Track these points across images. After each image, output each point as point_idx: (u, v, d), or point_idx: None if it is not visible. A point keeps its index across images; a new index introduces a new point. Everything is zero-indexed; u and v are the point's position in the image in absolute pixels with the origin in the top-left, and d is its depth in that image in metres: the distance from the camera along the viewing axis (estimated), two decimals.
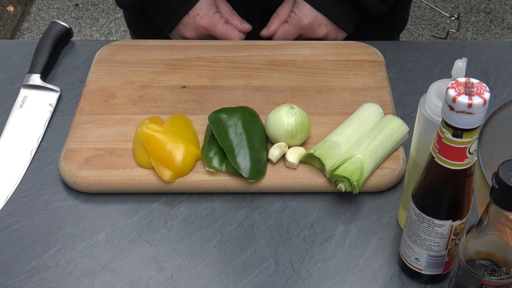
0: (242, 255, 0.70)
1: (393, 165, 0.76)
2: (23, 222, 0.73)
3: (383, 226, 0.72)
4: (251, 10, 0.99)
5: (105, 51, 0.93)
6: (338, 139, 0.76)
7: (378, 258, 0.69)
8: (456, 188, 0.57)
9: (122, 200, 0.75)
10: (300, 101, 0.84)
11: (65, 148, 0.79)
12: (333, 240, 0.71)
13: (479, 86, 0.52)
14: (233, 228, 0.72)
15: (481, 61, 0.94)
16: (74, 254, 0.70)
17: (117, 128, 0.81)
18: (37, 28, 2.39)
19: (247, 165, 0.74)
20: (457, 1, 2.49)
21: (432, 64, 0.93)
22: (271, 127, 0.78)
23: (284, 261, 0.69)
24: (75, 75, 0.92)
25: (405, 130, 0.77)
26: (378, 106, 0.80)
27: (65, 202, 0.75)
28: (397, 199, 0.75)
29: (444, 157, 0.55)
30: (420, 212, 0.60)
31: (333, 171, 0.73)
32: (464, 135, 0.53)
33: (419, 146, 0.64)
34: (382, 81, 0.87)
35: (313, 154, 0.75)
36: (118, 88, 0.87)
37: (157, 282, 0.67)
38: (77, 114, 0.83)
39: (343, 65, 0.90)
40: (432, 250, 0.62)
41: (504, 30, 2.36)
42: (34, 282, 0.67)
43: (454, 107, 0.51)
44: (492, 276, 0.55)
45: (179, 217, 0.73)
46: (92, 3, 2.49)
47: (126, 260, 0.69)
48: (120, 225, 0.73)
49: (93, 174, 0.75)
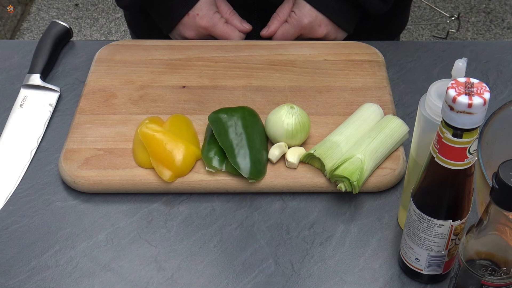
0: (242, 255, 0.70)
1: (393, 165, 0.76)
2: (23, 222, 0.73)
3: (383, 226, 0.72)
4: (251, 10, 0.99)
5: (105, 51, 0.93)
6: (338, 139, 0.76)
7: (378, 258, 0.69)
8: (456, 188, 0.57)
9: (122, 200, 0.75)
10: (300, 101, 0.84)
11: (65, 148, 0.79)
12: (333, 240, 0.71)
13: (479, 86, 0.52)
14: (233, 228, 0.72)
15: (481, 61, 0.94)
16: (74, 254, 0.70)
17: (117, 128, 0.81)
18: (37, 28, 2.39)
19: (247, 165, 0.74)
20: (457, 1, 2.49)
21: (432, 64, 0.93)
22: (271, 127, 0.78)
23: (284, 261, 0.69)
24: (75, 75, 0.92)
25: (405, 130, 0.77)
26: (378, 106, 0.80)
27: (65, 202, 0.75)
28: (397, 199, 0.75)
29: (444, 157, 0.55)
30: (420, 212, 0.60)
31: (333, 171, 0.73)
32: (464, 135, 0.53)
33: (419, 146, 0.64)
34: (382, 81, 0.87)
35: (313, 154, 0.75)
36: (118, 88, 0.87)
37: (157, 282, 0.67)
38: (77, 114, 0.83)
39: (343, 65, 0.90)
40: (432, 250, 0.62)
41: (504, 30, 2.36)
42: (34, 282, 0.67)
43: (454, 107, 0.51)
44: (492, 276, 0.55)
45: (179, 217, 0.73)
46: (92, 3, 2.49)
47: (126, 260, 0.69)
48: (120, 225, 0.73)
49: (93, 174, 0.75)
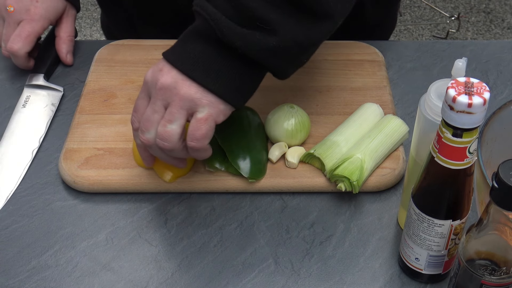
0: (242, 255, 0.70)
1: (393, 165, 0.76)
2: (23, 222, 0.73)
3: (383, 225, 0.72)
4: None
5: (105, 51, 0.93)
6: (338, 139, 0.76)
7: (378, 257, 0.69)
8: (456, 188, 0.57)
9: (122, 200, 0.75)
10: (300, 101, 0.84)
11: (65, 147, 0.79)
12: (333, 240, 0.71)
13: (479, 86, 0.52)
14: (233, 227, 0.72)
15: (481, 61, 0.94)
16: (74, 254, 0.70)
17: (117, 128, 0.81)
18: None
19: (247, 165, 0.74)
20: (457, 1, 2.49)
21: (432, 64, 0.93)
22: (271, 127, 0.78)
23: (284, 261, 0.69)
24: (75, 75, 0.92)
25: (405, 130, 0.77)
26: (378, 106, 0.80)
27: (65, 201, 0.75)
28: (397, 199, 0.75)
29: (444, 156, 0.55)
30: (420, 211, 0.60)
31: (333, 170, 0.73)
32: (464, 134, 0.53)
33: (419, 146, 0.64)
34: (382, 81, 0.88)
35: (313, 154, 0.75)
36: (118, 88, 0.87)
37: (157, 282, 0.67)
38: (77, 114, 0.83)
39: (343, 65, 0.90)
40: (432, 249, 0.62)
41: (504, 30, 2.36)
42: (34, 282, 0.67)
43: (454, 107, 0.51)
44: (492, 275, 0.55)
45: (179, 217, 0.73)
46: (92, 3, 2.49)
47: (126, 260, 0.69)
48: (120, 225, 0.73)
49: (93, 173, 0.75)
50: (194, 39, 0.65)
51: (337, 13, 0.66)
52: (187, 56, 0.65)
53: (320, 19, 0.65)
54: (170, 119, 0.64)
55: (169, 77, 0.64)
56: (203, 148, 0.66)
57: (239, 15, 0.63)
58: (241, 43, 0.63)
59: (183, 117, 0.64)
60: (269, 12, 0.63)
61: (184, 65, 0.64)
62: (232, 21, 0.62)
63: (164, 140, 0.65)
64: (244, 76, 0.66)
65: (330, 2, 0.65)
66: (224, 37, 0.63)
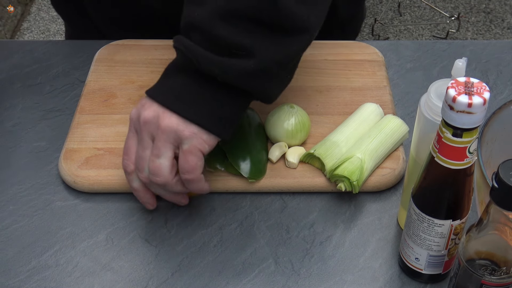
0: (242, 255, 0.70)
1: (393, 165, 0.76)
2: (23, 222, 0.73)
3: (383, 226, 0.72)
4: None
5: (105, 51, 0.93)
6: (338, 139, 0.76)
7: (378, 258, 0.69)
8: (456, 187, 0.57)
9: (122, 200, 0.75)
10: (300, 101, 0.84)
11: (65, 147, 0.79)
12: (333, 240, 0.71)
13: (479, 86, 0.52)
14: (233, 227, 0.72)
15: (481, 61, 0.94)
16: (74, 254, 0.70)
17: (117, 128, 0.81)
18: (37, 28, 2.39)
19: (247, 165, 0.74)
20: (457, 1, 2.49)
21: (432, 64, 0.93)
22: (271, 127, 0.78)
23: (284, 261, 0.69)
24: (75, 75, 0.92)
25: (405, 130, 0.77)
26: (378, 106, 0.80)
27: (65, 201, 0.75)
28: (397, 199, 0.75)
29: (444, 156, 0.55)
30: (420, 211, 0.60)
31: (333, 170, 0.73)
32: (464, 134, 0.53)
33: (419, 146, 0.64)
34: (382, 81, 0.88)
35: (313, 154, 0.75)
36: (118, 88, 0.87)
37: (157, 282, 0.67)
38: (77, 114, 0.83)
39: (343, 65, 0.90)
40: (432, 249, 0.62)
41: (504, 30, 2.36)
42: (34, 282, 0.67)
43: (454, 107, 0.51)
44: (492, 275, 0.55)
45: (179, 217, 0.73)
46: None
47: (126, 260, 0.69)
48: (120, 225, 0.73)
49: (93, 173, 0.75)
50: (174, 73, 0.66)
51: (312, 27, 0.67)
52: (167, 90, 0.66)
53: (295, 35, 0.65)
54: (157, 154, 0.65)
55: (151, 111, 0.65)
56: (197, 179, 0.67)
57: (213, 45, 0.63)
58: (220, 71, 0.63)
59: (169, 150, 0.65)
60: (242, 38, 0.63)
61: (165, 99, 0.65)
62: (208, 51, 0.63)
63: (155, 175, 0.66)
64: (227, 105, 0.66)
65: (303, 16, 0.65)
66: (202, 67, 0.63)
